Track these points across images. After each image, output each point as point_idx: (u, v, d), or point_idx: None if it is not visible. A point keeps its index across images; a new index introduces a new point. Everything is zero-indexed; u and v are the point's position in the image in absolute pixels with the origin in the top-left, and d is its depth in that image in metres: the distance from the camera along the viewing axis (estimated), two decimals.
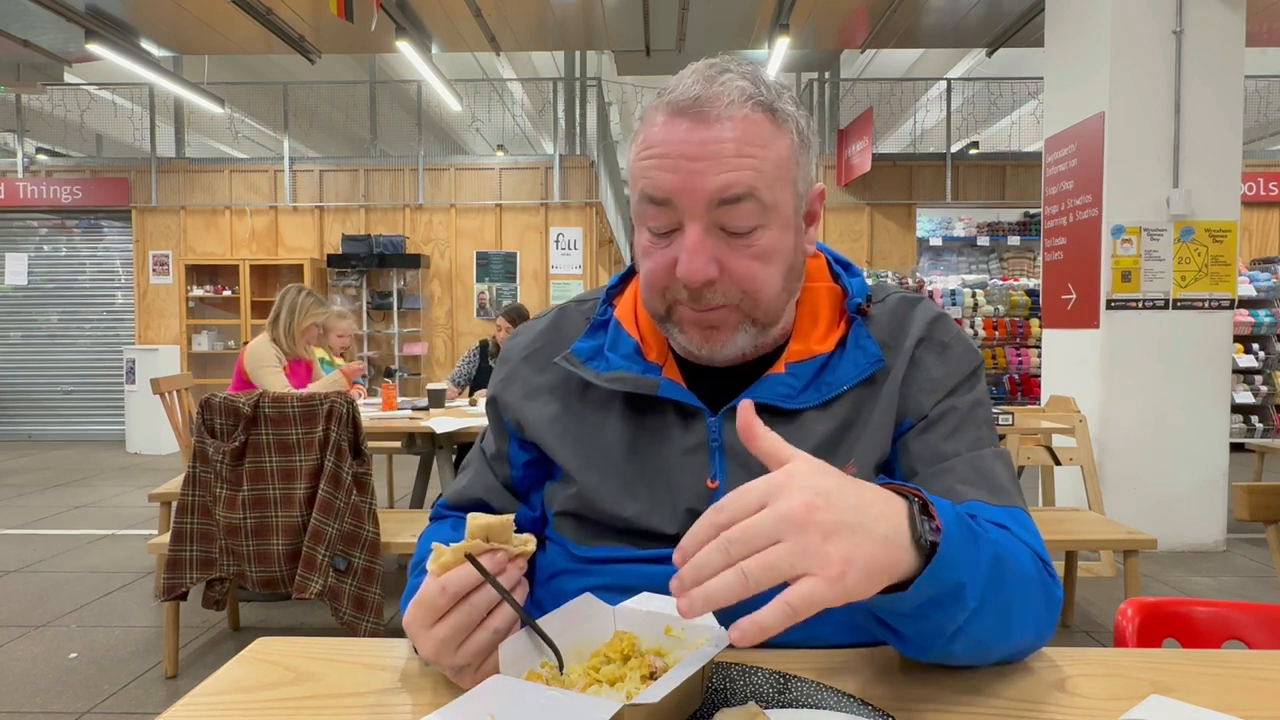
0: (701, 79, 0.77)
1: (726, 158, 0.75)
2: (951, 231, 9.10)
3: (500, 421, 0.95)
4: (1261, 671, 0.72)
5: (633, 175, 0.81)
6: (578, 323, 0.95)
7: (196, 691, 0.69)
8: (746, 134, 0.76)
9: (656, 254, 0.80)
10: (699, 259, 0.76)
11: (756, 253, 0.78)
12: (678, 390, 0.85)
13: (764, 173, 0.76)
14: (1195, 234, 4.15)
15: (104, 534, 4.58)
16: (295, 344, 3.83)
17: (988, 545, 0.64)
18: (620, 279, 0.97)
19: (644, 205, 0.79)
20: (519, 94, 11.82)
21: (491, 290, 8.23)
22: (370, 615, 2.54)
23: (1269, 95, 8.95)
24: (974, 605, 0.62)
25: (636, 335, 0.90)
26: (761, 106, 0.77)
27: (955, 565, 0.59)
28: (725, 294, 0.79)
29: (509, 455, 0.94)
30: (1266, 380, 7.24)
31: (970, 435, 0.84)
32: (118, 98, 9.56)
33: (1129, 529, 2.77)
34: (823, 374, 0.85)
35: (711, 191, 0.75)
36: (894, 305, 0.90)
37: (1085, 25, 4.34)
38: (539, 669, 0.67)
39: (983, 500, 0.78)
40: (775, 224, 0.79)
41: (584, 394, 0.90)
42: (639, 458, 0.86)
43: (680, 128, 0.76)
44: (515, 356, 0.96)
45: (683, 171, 0.76)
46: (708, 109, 0.76)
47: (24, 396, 8.65)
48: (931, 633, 0.64)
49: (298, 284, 3.99)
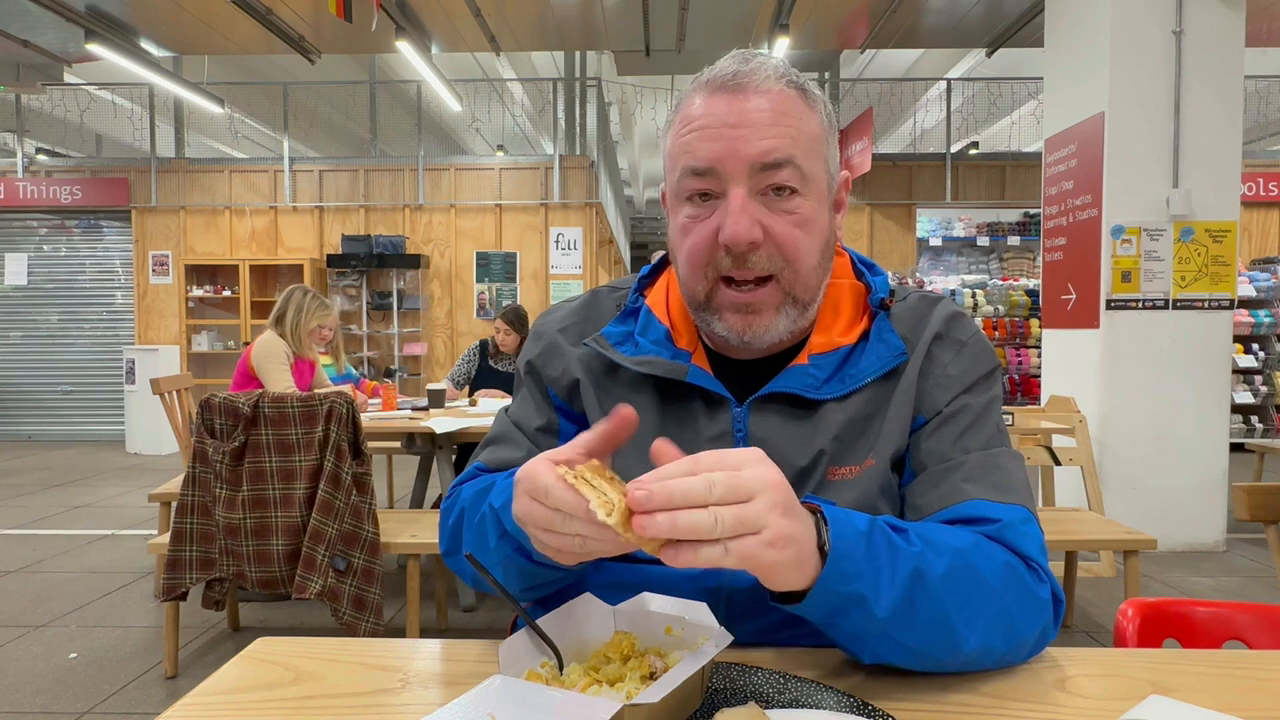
0: (737, 59, 0.81)
1: (766, 125, 0.78)
2: (951, 231, 9.09)
3: (544, 393, 0.94)
4: (1261, 671, 0.72)
5: (672, 155, 0.83)
6: (609, 308, 0.96)
7: (196, 691, 0.69)
8: (783, 105, 0.80)
9: (697, 228, 0.82)
10: (743, 220, 0.78)
11: (797, 220, 0.81)
12: (705, 378, 0.86)
13: (800, 142, 0.80)
14: (1195, 234, 4.15)
15: (104, 534, 4.58)
16: (301, 345, 3.81)
17: (907, 560, 0.67)
18: (652, 269, 0.98)
19: (686, 179, 0.81)
20: (519, 94, 11.82)
21: (491, 290, 8.23)
22: (370, 615, 2.54)
23: (1269, 95, 8.95)
24: (884, 615, 0.65)
25: (667, 322, 0.91)
26: (794, 85, 0.81)
27: (851, 578, 0.64)
28: (769, 259, 0.80)
29: (559, 428, 0.93)
30: (1266, 380, 7.24)
31: (983, 435, 0.84)
32: (117, 98, 9.56)
33: (1129, 529, 2.77)
34: (845, 366, 0.86)
35: (754, 155, 0.78)
36: (915, 303, 0.91)
37: (1085, 25, 4.34)
38: (539, 669, 0.67)
39: (986, 498, 0.79)
40: (812, 195, 0.82)
41: (613, 376, 0.90)
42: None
43: (720, 101, 0.80)
44: (550, 329, 0.96)
45: (725, 139, 0.78)
46: (745, 83, 0.79)
47: (24, 396, 8.65)
48: (853, 637, 0.67)
49: (301, 285, 3.96)
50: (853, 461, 0.83)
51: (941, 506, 0.80)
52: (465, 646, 0.80)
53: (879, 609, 0.65)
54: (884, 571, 0.65)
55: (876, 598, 0.65)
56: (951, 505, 0.79)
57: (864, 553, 0.65)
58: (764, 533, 0.58)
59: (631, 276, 0.98)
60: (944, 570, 0.68)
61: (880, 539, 0.67)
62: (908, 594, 0.66)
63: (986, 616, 0.69)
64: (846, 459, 0.84)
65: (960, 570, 0.69)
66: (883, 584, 0.65)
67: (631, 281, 0.97)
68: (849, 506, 0.80)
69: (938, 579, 0.68)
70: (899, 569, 0.66)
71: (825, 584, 0.63)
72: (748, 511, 0.57)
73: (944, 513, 0.79)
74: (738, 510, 0.57)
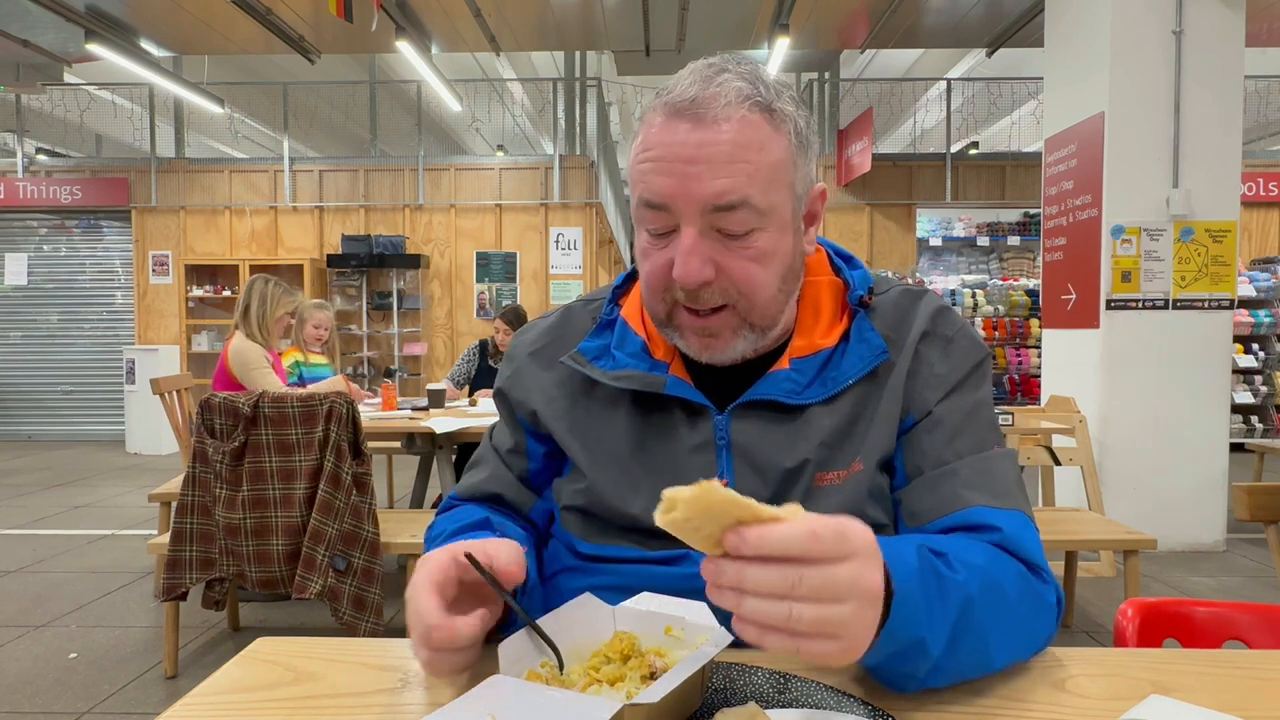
0: (699, 79, 0.77)
1: (721, 163, 0.75)
2: (951, 232, 9.09)
3: (512, 416, 0.95)
4: (1261, 671, 0.72)
5: (632, 178, 0.81)
6: (584, 322, 0.95)
7: (196, 691, 0.69)
8: (743, 136, 0.75)
9: (655, 255, 0.80)
10: (694, 261, 0.76)
11: (753, 255, 0.78)
12: (685, 388, 0.85)
13: (759, 177, 0.76)
14: (1195, 234, 4.15)
15: (104, 534, 4.58)
16: (270, 337, 3.69)
17: (956, 591, 0.65)
18: (625, 279, 0.97)
19: (642, 209, 0.79)
20: (519, 94, 11.82)
21: (491, 290, 8.23)
22: (370, 615, 2.54)
23: (1269, 95, 8.95)
24: (938, 653, 0.63)
25: (643, 334, 0.90)
26: (759, 107, 0.77)
27: (913, 624, 0.60)
28: (723, 294, 0.79)
29: (527, 448, 0.94)
30: (1266, 380, 7.24)
31: (975, 436, 0.84)
32: (117, 98, 9.56)
33: (1129, 529, 2.77)
34: (827, 369, 0.85)
35: (706, 196, 0.75)
36: (896, 298, 0.90)
37: (1085, 25, 4.34)
38: (539, 669, 0.67)
39: (986, 504, 0.78)
40: (772, 226, 0.78)
41: (591, 392, 0.90)
42: (645, 455, 0.86)
43: (677, 130, 0.76)
44: (521, 353, 0.96)
45: (678, 175, 0.75)
46: (704, 110, 0.75)
47: (24, 396, 8.65)
48: (902, 676, 0.65)
49: (262, 274, 3.84)
50: (839, 466, 0.83)
51: (941, 514, 0.79)
52: None
53: (935, 648, 0.62)
54: (936, 608, 0.62)
55: (934, 637, 0.62)
56: (952, 513, 0.79)
57: (920, 593, 0.61)
58: (843, 639, 0.54)
59: (605, 287, 0.98)
60: (987, 592, 0.67)
61: (930, 574, 0.64)
62: (958, 627, 0.64)
63: (1014, 633, 0.70)
64: (833, 464, 0.83)
65: (990, 589, 0.68)
66: (937, 621, 0.62)
67: (605, 292, 0.96)
68: (837, 512, 0.80)
69: (985, 604, 0.66)
70: (950, 602, 0.64)
71: (890, 634, 0.59)
72: (831, 614, 0.53)
73: (944, 520, 0.79)
74: (820, 611, 0.52)
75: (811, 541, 0.53)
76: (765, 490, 0.82)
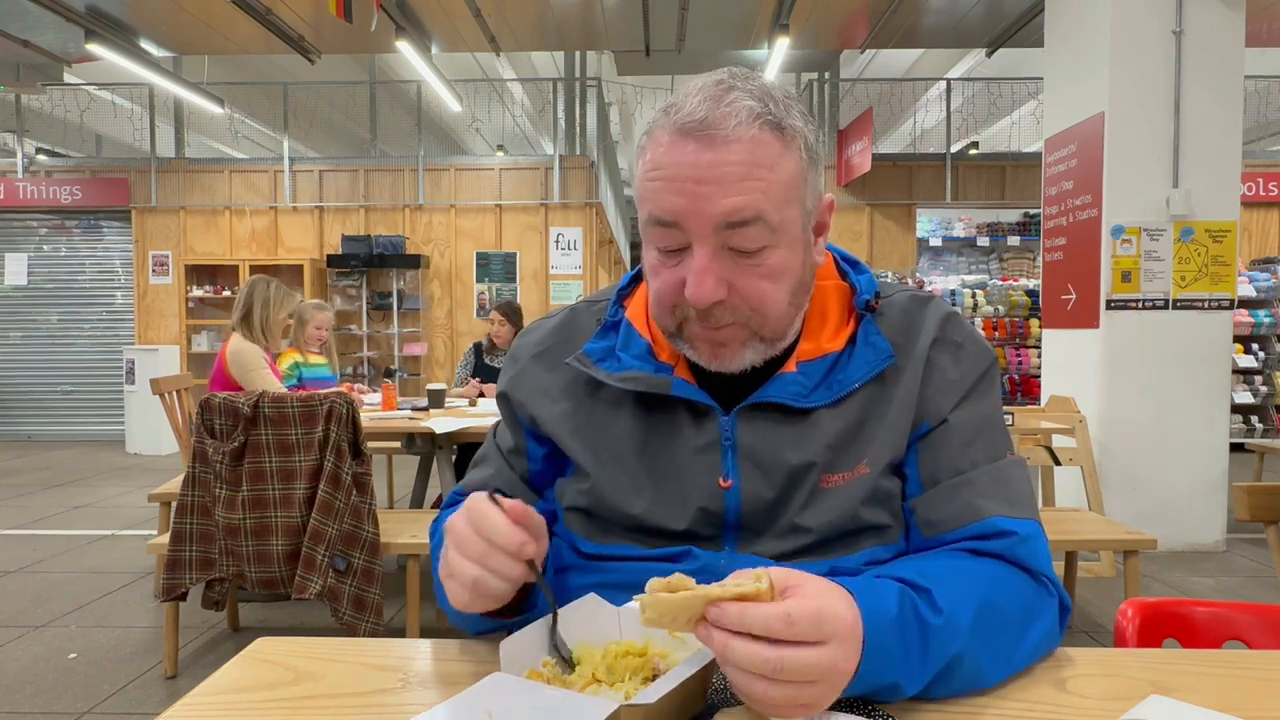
0: (709, 99, 0.76)
1: (733, 181, 0.74)
2: (951, 232, 9.09)
3: (514, 417, 0.96)
4: (1261, 671, 0.72)
5: (640, 195, 0.80)
6: (589, 323, 0.95)
7: (196, 691, 0.69)
8: (754, 155, 0.75)
9: (665, 273, 0.80)
10: (708, 281, 0.76)
11: (765, 272, 0.78)
12: (690, 390, 0.85)
13: (772, 194, 0.76)
14: (1195, 234, 4.15)
15: (104, 534, 4.58)
16: (271, 339, 3.66)
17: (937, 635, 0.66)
18: (630, 280, 0.97)
19: (652, 227, 0.79)
20: (519, 94, 11.82)
21: (491, 290, 8.23)
22: (370, 615, 2.54)
23: (1269, 95, 8.95)
24: (914, 692, 0.65)
25: (648, 335, 0.90)
26: (770, 125, 0.76)
27: (885, 671, 0.63)
28: (734, 312, 0.79)
29: (527, 449, 0.95)
30: (1266, 380, 7.24)
31: (989, 443, 0.85)
32: (117, 98, 9.55)
33: (1129, 529, 2.77)
34: (834, 372, 0.85)
35: (719, 215, 0.75)
36: (904, 303, 0.90)
37: (1085, 25, 4.34)
38: (540, 668, 0.67)
39: (1002, 514, 0.80)
40: (783, 243, 0.78)
41: (595, 393, 0.90)
42: (650, 456, 0.86)
43: (687, 150, 0.75)
44: (525, 354, 0.96)
45: (689, 195, 0.75)
46: (714, 131, 0.74)
47: (24, 396, 8.65)
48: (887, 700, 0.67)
49: (261, 276, 3.81)
50: (844, 468, 0.83)
51: (960, 524, 0.81)
52: (465, 646, 0.80)
53: (910, 689, 0.65)
54: (914, 654, 0.64)
55: (910, 681, 0.64)
56: (971, 523, 0.80)
57: (896, 642, 0.63)
58: (810, 707, 0.59)
59: (610, 288, 0.97)
60: (970, 623, 0.68)
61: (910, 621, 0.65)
62: (940, 665, 0.66)
63: (1011, 654, 0.72)
64: (839, 466, 0.83)
65: (985, 615, 0.70)
66: (914, 667, 0.64)
67: (610, 294, 0.96)
68: (838, 511, 0.82)
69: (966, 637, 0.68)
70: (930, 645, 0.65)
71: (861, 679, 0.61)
72: (802, 694, 0.58)
73: (963, 530, 0.80)
74: (793, 692, 0.57)
75: (786, 625, 0.57)
76: (771, 490, 0.83)
